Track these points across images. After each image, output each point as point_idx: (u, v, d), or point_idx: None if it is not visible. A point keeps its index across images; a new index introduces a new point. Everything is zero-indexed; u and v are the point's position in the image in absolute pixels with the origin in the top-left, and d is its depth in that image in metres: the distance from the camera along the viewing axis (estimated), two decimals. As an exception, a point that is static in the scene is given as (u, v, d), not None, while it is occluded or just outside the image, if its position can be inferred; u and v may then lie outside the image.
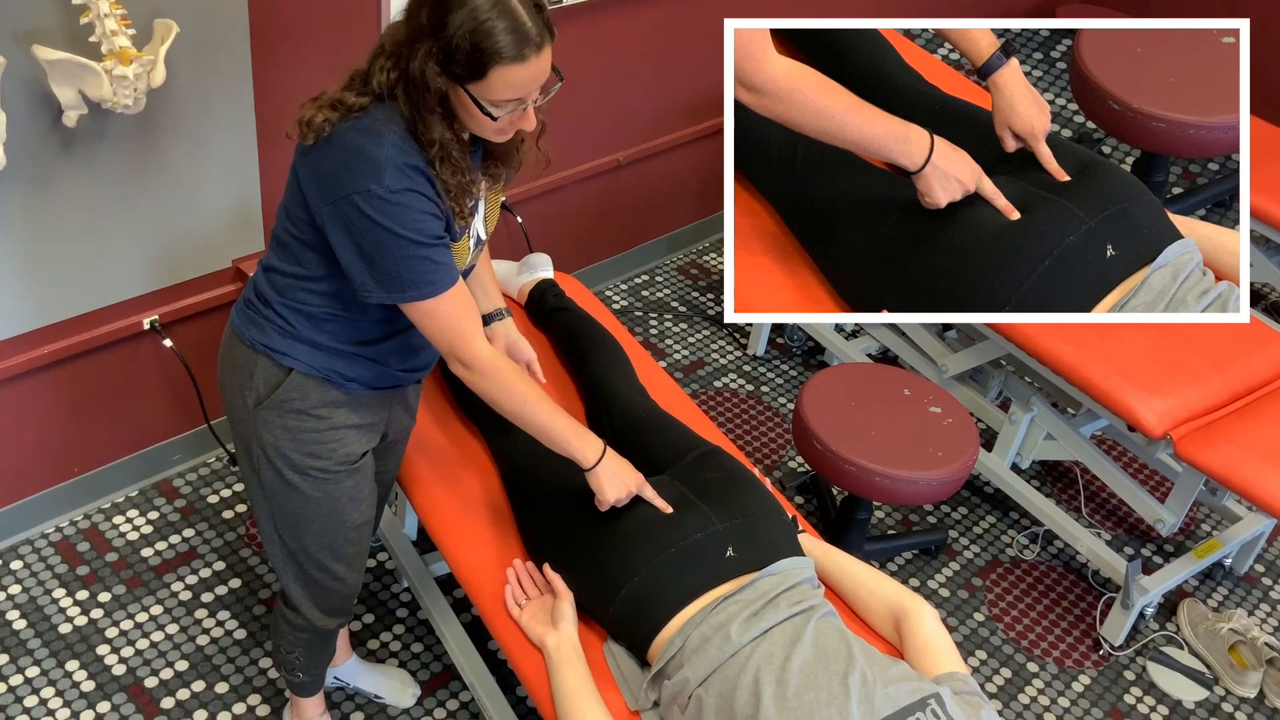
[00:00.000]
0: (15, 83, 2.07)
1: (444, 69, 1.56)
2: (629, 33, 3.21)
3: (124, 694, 2.40)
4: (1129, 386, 2.61)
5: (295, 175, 1.68)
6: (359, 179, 1.57)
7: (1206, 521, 3.20)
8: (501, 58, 1.53)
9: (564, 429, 1.83)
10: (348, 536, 1.94)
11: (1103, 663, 2.79)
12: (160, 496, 2.84)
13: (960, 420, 2.58)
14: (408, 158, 1.59)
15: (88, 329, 2.49)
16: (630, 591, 1.83)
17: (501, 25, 1.51)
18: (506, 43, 1.52)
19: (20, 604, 2.55)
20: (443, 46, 1.53)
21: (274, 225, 1.79)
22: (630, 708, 1.81)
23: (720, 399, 3.41)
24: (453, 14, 1.52)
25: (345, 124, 1.59)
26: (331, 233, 1.63)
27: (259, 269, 1.83)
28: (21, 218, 2.25)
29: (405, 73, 1.57)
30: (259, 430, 1.81)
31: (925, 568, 2.98)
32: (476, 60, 1.53)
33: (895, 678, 1.66)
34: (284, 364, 1.78)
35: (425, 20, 1.54)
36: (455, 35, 1.52)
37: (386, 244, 1.60)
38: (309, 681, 2.23)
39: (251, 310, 1.81)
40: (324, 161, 1.61)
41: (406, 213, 1.59)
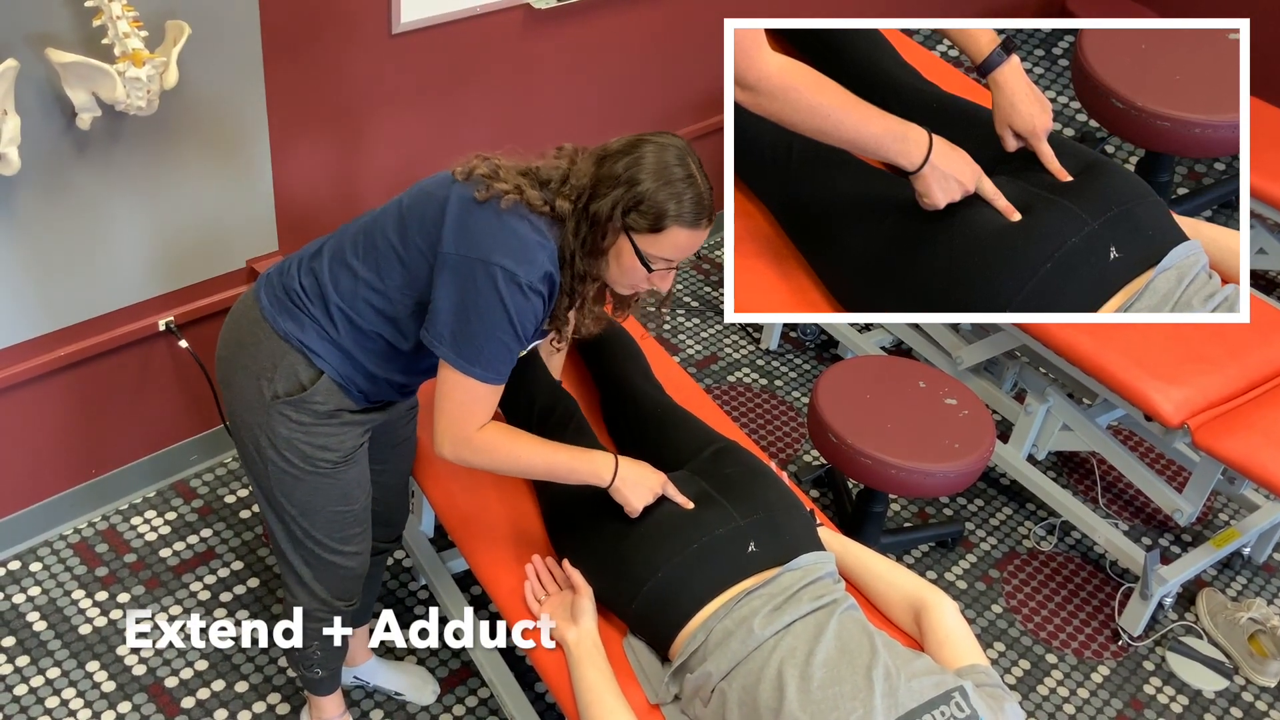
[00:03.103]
0: (29, 86, 2.07)
1: (624, 217, 1.66)
2: (635, 29, 3.21)
3: (144, 694, 2.41)
4: (1146, 376, 2.60)
5: (439, 206, 1.71)
6: (511, 260, 1.66)
7: (1224, 510, 3.19)
8: (681, 221, 1.67)
9: (569, 462, 1.88)
10: (354, 516, 1.97)
11: (1122, 653, 2.78)
12: (178, 497, 2.85)
13: (976, 412, 2.57)
14: (554, 269, 1.71)
15: (103, 331, 2.49)
16: (653, 588, 1.83)
17: (690, 195, 1.67)
18: (691, 210, 1.68)
19: (40, 605, 2.56)
20: (633, 198, 1.66)
21: (366, 221, 1.80)
22: (650, 701, 1.82)
23: (734, 393, 3.41)
24: (650, 174, 1.66)
25: (522, 209, 1.68)
26: (445, 279, 1.68)
27: (320, 258, 1.82)
28: (37, 221, 2.25)
29: (585, 211, 1.68)
30: (272, 422, 1.81)
31: (942, 560, 2.97)
32: (659, 218, 1.67)
33: (918, 671, 1.65)
34: (317, 365, 1.79)
35: (621, 171, 1.67)
36: (648, 192, 1.66)
37: (493, 320, 1.68)
38: (327, 678, 2.23)
39: (294, 303, 1.81)
40: (488, 224, 1.67)
41: (527, 308, 1.69)
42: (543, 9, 2.88)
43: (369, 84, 2.65)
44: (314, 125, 2.61)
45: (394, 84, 2.70)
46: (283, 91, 2.49)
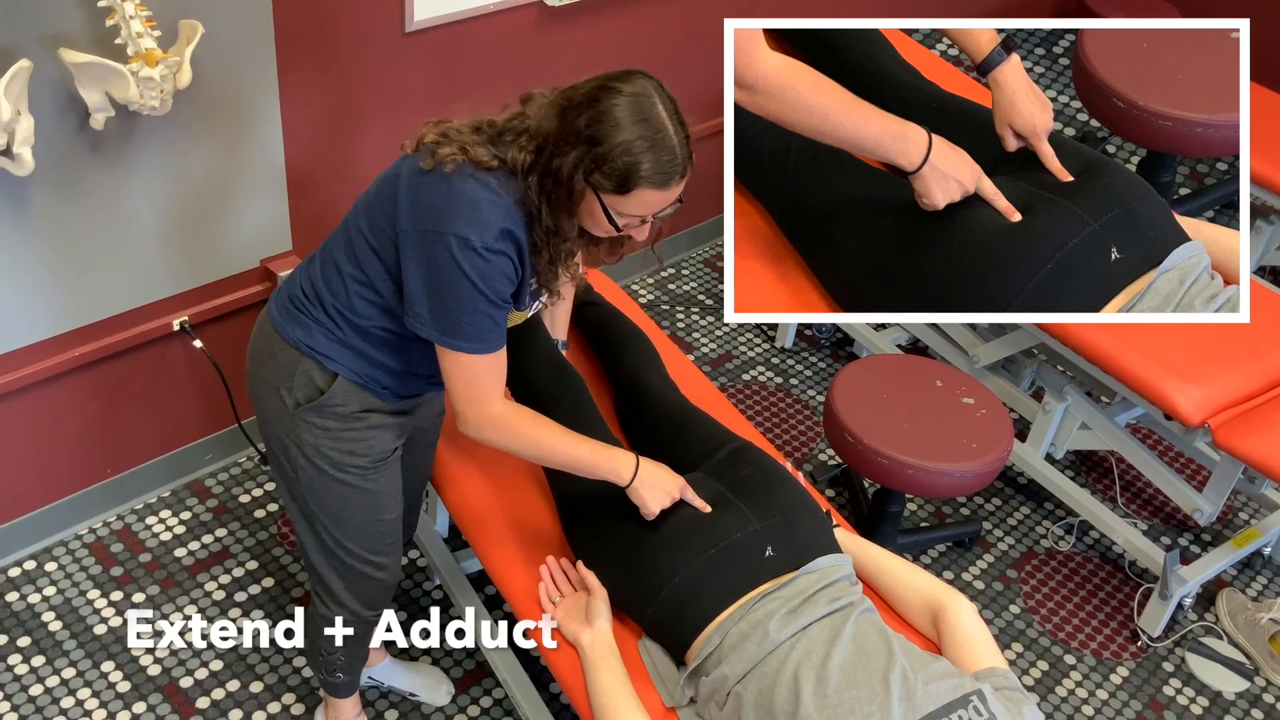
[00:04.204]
0: (42, 86, 2.07)
1: (588, 178, 1.59)
2: (649, 25, 3.19)
3: (159, 694, 2.41)
4: (1166, 374, 2.57)
5: (394, 184, 1.68)
6: (462, 224, 1.60)
7: (1245, 510, 3.16)
8: (648, 182, 1.59)
9: (590, 456, 1.85)
10: (387, 527, 1.96)
11: (1141, 654, 2.76)
12: (192, 496, 2.85)
13: (993, 411, 2.55)
14: (513, 225, 1.63)
15: (117, 331, 2.49)
16: (669, 594, 1.82)
17: (657, 153, 1.57)
18: (658, 170, 1.59)
19: (55, 605, 2.56)
20: (596, 159, 1.57)
21: (346, 217, 1.78)
22: (666, 704, 1.80)
23: (749, 392, 3.39)
24: (613, 132, 1.56)
25: (469, 168, 1.62)
26: (408, 257, 1.65)
27: (313, 263, 1.82)
28: (51, 221, 2.25)
29: (547, 167, 1.60)
30: (298, 430, 1.81)
31: (959, 560, 2.95)
32: (625, 180, 1.59)
33: (936, 674, 1.64)
34: (330, 369, 1.79)
35: (583, 127, 1.58)
36: (611, 152, 1.57)
37: (460, 291, 1.63)
38: (348, 681, 2.23)
39: (299, 309, 1.80)
40: (435, 192, 1.62)
41: (491, 272, 1.63)
42: (556, 6, 2.87)
43: (382, 82, 2.64)
44: (328, 124, 2.60)
45: (408, 82, 2.69)
46: (296, 90, 2.48)
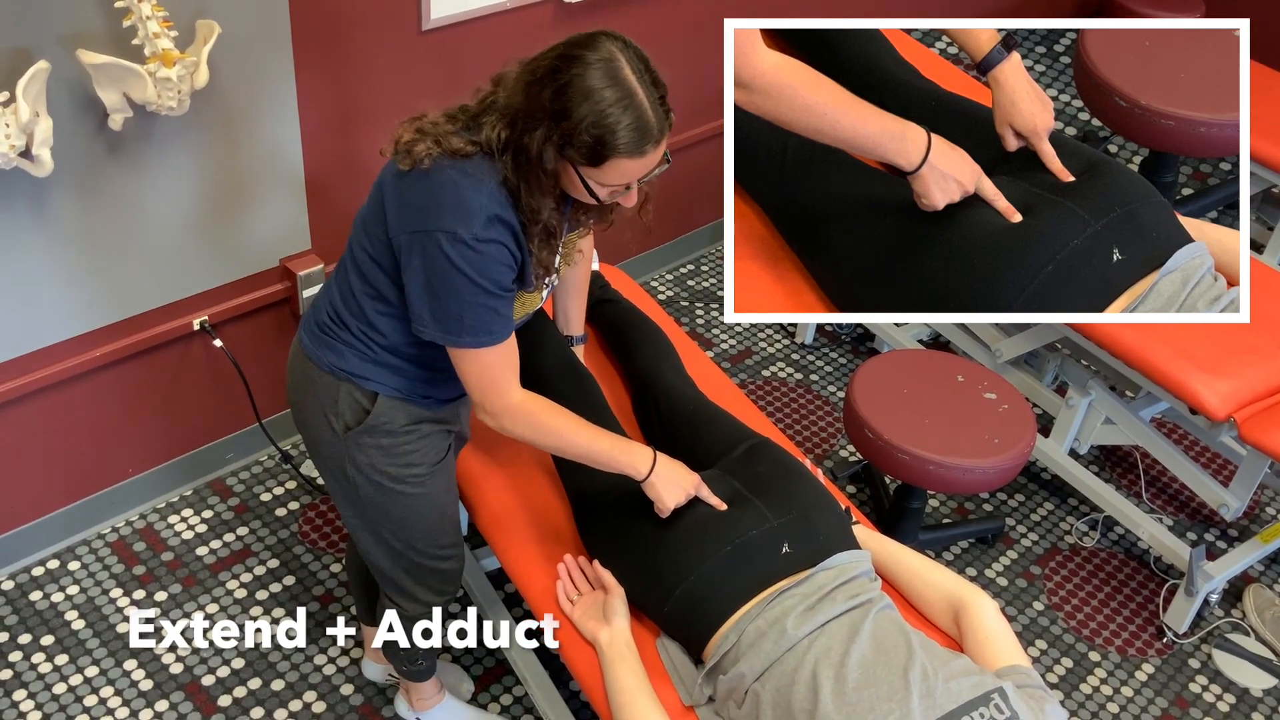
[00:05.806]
0: (60, 87, 2.08)
1: (560, 152, 1.55)
2: (668, 20, 3.18)
3: (181, 692, 2.42)
4: (1191, 368, 2.54)
5: (380, 193, 1.67)
6: (448, 218, 1.57)
7: (1272, 505, 3.13)
8: (621, 152, 1.53)
9: (608, 449, 1.84)
10: (451, 523, 1.99)
11: (1166, 651, 2.73)
12: (214, 495, 2.86)
13: (1016, 406, 2.53)
14: (500, 209, 1.59)
15: (138, 331, 2.51)
16: (685, 592, 1.81)
17: (626, 121, 1.51)
18: (629, 139, 1.52)
19: (79, 604, 2.57)
20: (564, 133, 1.53)
21: (350, 236, 1.77)
22: (684, 703, 1.80)
23: (769, 388, 3.38)
24: (578, 104, 1.50)
25: (446, 160, 1.59)
26: (405, 261, 1.63)
27: (331, 287, 1.82)
28: (70, 222, 2.26)
29: (519, 144, 1.56)
30: (353, 453, 1.82)
31: (982, 556, 2.93)
32: (596, 152, 1.53)
33: (956, 672, 1.62)
34: (369, 389, 1.79)
35: (548, 102, 1.52)
36: (578, 126, 1.51)
37: (457, 287, 1.60)
38: (428, 666, 2.27)
39: (326, 334, 1.80)
40: (416, 192, 1.60)
41: (486, 261, 1.59)
42: (572, 2, 2.86)
43: (399, 81, 2.64)
44: (345, 123, 2.60)
45: (425, 80, 2.69)
46: (313, 89, 2.49)
